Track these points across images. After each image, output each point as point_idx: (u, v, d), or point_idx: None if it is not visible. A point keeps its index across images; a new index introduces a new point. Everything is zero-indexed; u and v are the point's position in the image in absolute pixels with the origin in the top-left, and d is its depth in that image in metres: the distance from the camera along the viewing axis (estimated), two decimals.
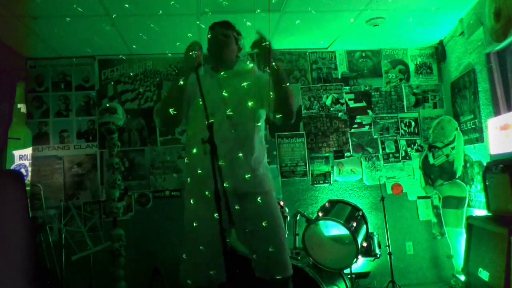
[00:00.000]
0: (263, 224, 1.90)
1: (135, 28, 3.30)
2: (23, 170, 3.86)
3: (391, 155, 4.10)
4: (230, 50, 2.05)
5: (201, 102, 1.69)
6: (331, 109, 4.10)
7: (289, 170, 3.99)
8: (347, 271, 3.16)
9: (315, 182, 4.00)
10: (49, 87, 3.80)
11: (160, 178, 3.82)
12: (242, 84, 1.96)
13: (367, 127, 4.12)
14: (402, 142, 4.13)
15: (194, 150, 1.91)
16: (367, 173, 4.05)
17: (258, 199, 1.93)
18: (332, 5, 3.13)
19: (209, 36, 2.08)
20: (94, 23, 3.15)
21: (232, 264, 1.61)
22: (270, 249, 1.90)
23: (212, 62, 2.12)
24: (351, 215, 3.17)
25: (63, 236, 3.23)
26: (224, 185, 1.61)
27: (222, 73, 2.03)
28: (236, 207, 1.86)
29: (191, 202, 1.97)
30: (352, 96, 4.15)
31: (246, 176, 1.92)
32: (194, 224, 1.90)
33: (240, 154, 1.92)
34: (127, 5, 2.89)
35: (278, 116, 1.92)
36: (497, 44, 3.10)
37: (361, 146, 4.10)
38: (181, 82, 1.89)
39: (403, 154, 4.11)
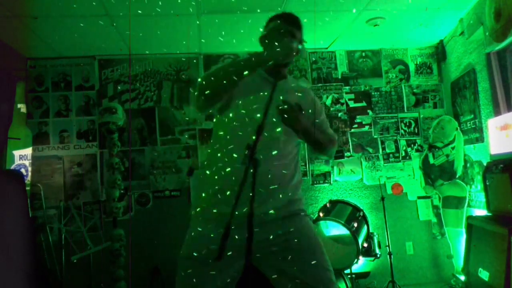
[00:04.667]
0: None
1: (135, 28, 3.30)
2: (23, 170, 3.86)
3: (391, 155, 4.10)
4: (291, 56, 1.64)
5: (254, 106, 1.55)
6: (331, 109, 4.10)
7: None
8: (347, 271, 3.16)
9: (315, 182, 4.00)
10: (49, 87, 3.80)
11: (160, 178, 3.82)
12: (295, 99, 1.66)
13: (367, 127, 4.12)
14: (402, 142, 4.13)
15: (226, 159, 1.58)
16: (367, 173, 4.05)
17: (293, 225, 1.62)
18: (332, 5, 3.13)
19: (272, 32, 1.64)
20: (94, 23, 3.15)
21: None
22: None
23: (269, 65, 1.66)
24: (352, 216, 3.17)
25: (63, 236, 3.23)
26: (259, 209, 1.46)
27: (280, 82, 1.68)
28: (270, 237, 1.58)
29: (203, 226, 1.59)
30: (352, 96, 4.15)
31: (285, 199, 1.63)
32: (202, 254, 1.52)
33: (284, 172, 1.64)
34: (126, 7, 2.89)
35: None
36: (497, 44, 3.10)
37: (361, 146, 4.10)
38: (246, 72, 1.54)
39: (403, 154, 4.11)
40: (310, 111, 1.71)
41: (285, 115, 1.53)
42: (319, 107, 1.84)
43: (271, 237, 1.57)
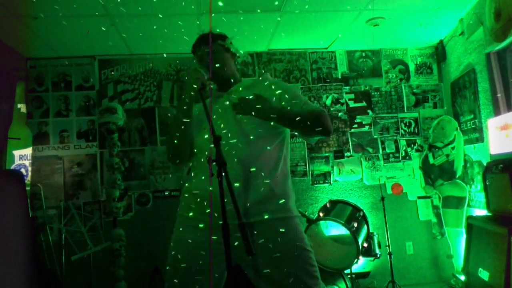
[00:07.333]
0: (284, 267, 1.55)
1: (135, 28, 3.30)
2: (23, 170, 3.86)
3: (391, 155, 4.10)
4: (224, 65, 1.77)
5: (206, 127, 1.58)
6: (331, 109, 4.10)
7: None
8: (347, 271, 3.16)
9: (315, 182, 4.00)
10: (49, 87, 3.80)
11: (160, 178, 3.82)
12: (251, 93, 1.67)
13: (367, 127, 4.12)
14: (402, 142, 4.12)
15: (198, 172, 1.66)
16: (367, 173, 4.05)
17: (278, 228, 1.57)
18: (332, 5, 3.13)
19: (195, 61, 1.83)
20: (94, 23, 3.15)
21: None
22: None
23: (216, 84, 1.82)
24: (352, 216, 3.17)
25: (63, 236, 3.23)
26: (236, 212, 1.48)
27: (231, 89, 1.77)
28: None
29: (189, 234, 1.72)
30: (352, 96, 4.15)
31: (264, 199, 1.59)
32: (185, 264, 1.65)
33: (260, 174, 1.60)
34: (126, 7, 2.89)
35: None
36: (497, 44, 3.10)
37: (361, 146, 4.10)
38: (185, 119, 1.62)
39: (403, 154, 4.11)
40: (275, 92, 1.70)
41: (239, 107, 1.58)
42: (286, 86, 1.79)
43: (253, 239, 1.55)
